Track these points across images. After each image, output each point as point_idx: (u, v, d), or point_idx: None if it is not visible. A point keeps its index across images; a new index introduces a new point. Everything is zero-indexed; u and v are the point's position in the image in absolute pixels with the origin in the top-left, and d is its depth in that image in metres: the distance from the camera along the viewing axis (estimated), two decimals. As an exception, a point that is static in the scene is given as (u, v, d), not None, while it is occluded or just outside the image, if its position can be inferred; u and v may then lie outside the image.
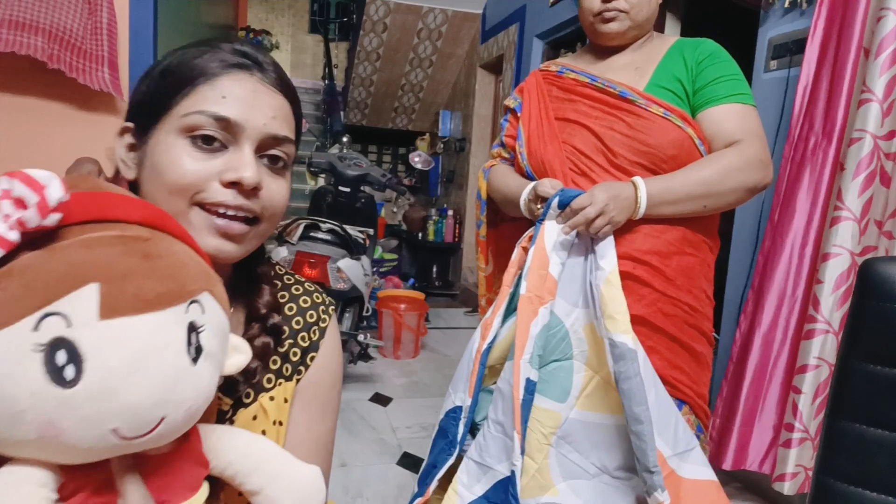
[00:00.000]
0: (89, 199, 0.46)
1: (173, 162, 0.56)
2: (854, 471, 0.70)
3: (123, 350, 0.41)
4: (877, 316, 0.68)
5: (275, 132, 0.59)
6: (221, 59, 0.59)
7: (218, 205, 0.57)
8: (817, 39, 1.66)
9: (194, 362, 0.46)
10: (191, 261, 0.49)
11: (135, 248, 0.45)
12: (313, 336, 0.71)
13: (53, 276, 0.41)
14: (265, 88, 0.60)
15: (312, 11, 6.71)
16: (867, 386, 0.69)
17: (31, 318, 0.40)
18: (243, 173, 0.56)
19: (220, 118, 0.56)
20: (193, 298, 0.47)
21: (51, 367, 0.40)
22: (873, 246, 1.56)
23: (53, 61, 1.78)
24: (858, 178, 1.52)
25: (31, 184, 0.40)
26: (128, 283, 0.43)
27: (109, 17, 1.89)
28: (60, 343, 0.40)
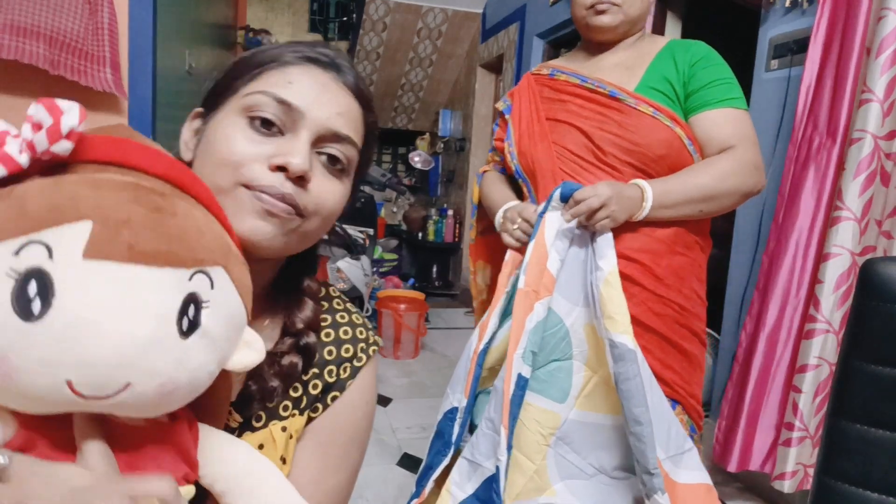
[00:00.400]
0: (113, 143, 0.44)
1: (226, 138, 0.55)
2: (855, 471, 0.70)
3: (99, 295, 0.38)
4: (878, 316, 0.68)
5: (336, 128, 0.56)
6: (297, 51, 0.58)
7: (262, 188, 0.53)
8: (820, 39, 1.66)
9: (184, 335, 0.41)
10: (209, 230, 0.45)
11: (146, 198, 0.41)
12: (343, 373, 0.64)
13: (50, 205, 0.38)
14: (337, 86, 0.58)
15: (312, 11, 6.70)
16: (868, 386, 0.69)
17: (15, 242, 0.38)
18: (292, 158, 0.53)
19: (281, 100, 0.54)
20: (201, 268, 0.43)
21: (18, 296, 0.37)
22: (872, 246, 1.56)
23: (55, 68, 1.78)
24: (859, 178, 1.52)
25: (52, 109, 0.39)
26: (126, 229, 0.39)
27: (110, 17, 1.89)
28: (35, 273, 0.37)
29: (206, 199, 0.48)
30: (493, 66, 4.84)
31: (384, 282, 4.17)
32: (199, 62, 2.76)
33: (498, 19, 4.51)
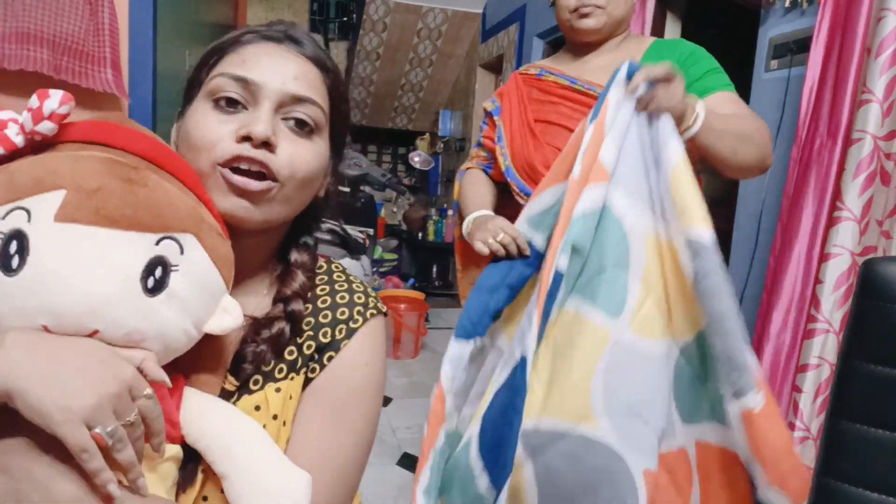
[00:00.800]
0: (97, 125, 0.50)
1: (196, 124, 0.58)
2: (855, 471, 0.70)
3: (66, 253, 0.44)
4: (878, 316, 0.68)
5: (293, 91, 0.59)
6: (252, 31, 0.62)
7: (232, 159, 0.56)
8: (822, 40, 1.66)
9: (150, 293, 0.47)
10: (180, 201, 0.50)
11: (119, 170, 0.47)
12: (338, 334, 0.64)
13: (34, 177, 0.45)
14: (291, 55, 0.61)
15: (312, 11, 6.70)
16: (868, 386, 0.69)
17: (3, 208, 0.45)
18: (253, 127, 0.56)
19: (237, 77, 0.58)
20: (169, 234, 0.48)
21: (2, 252, 0.44)
22: (873, 246, 1.57)
23: (59, 73, 1.80)
24: (859, 178, 1.52)
25: (41, 95, 0.46)
26: (95, 197, 0.45)
27: (111, 17, 1.89)
28: (16, 234, 0.44)
29: (184, 176, 0.53)
30: (493, 67, 4.84)
31: (384, 282, 4.17)
32: (200, 62, 2.76)
33: (498, 19, 4.51)
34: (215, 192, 0.57)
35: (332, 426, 0.63)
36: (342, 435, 0.63)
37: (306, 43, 0.63)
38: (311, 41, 0.64)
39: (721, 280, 0.88)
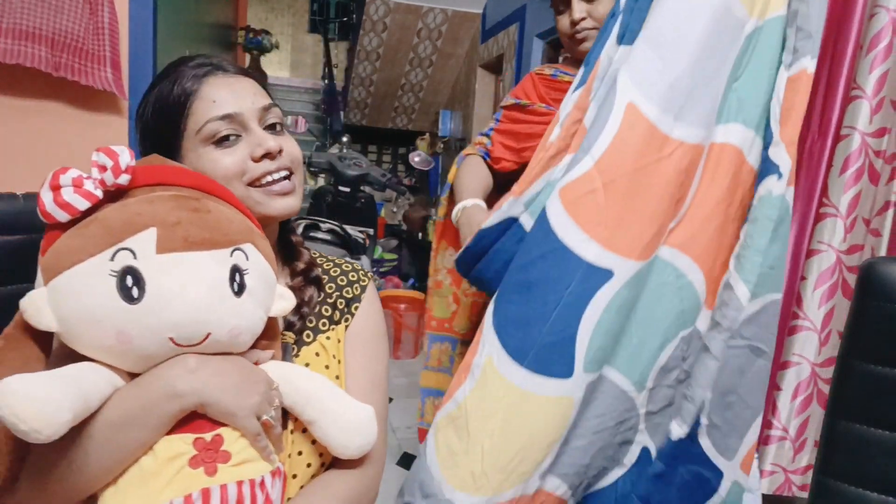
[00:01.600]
0: (154, 169, 0.61)
1: (214, 164, 0.70)
2: (854, 471, 0.70)
3: (174, 276, 0.56)
4: (877, 316, 0.68)
5: (261, 104, 0.74)
6: (192, 76, 0.72)
7: (263, 175, 0.72)
8: (818, 36, 1.67)
9: (237, 295, 0.60)
10: (235, 218, 0.63)
11: (186, 204, 0.59)
12: (355, 291, 0.86)
13: (124, 221, 0.56)
14: (232, 78, 0.74)
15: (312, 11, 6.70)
16: (867, 386, 0.69)
17: (109, 251, 0.55)
18: (266, 144, 0.71)
19: (224, 116, 0.71)
20: (237, 247, 0.61)
21: (121, 287, 0.54)
22: (860, 244, 1.56)
23: (57, 70, 1.80)
24: (845, 174, 1.52)
25: (110, 154, 0.56)
26: (179, 228, 0.57)
27: (111, 16, 1.89)
28: (129, 270, 0.55)
29: (228, 197, 0.66)
30: (493, 67, 4.84)
31: (384, 282, 4.17)
32: (200, 62, 2.76)
33: (498, 20, 4.51)
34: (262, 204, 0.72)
35: (371, 358, 0.83)
36: (379, 364, 0.84)
37: (229, 63, 0.76)
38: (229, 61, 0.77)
39: None
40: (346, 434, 0.69)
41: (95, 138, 1.99)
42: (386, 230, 5.36)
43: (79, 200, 0.55)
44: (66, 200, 0.55)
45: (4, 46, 1.73)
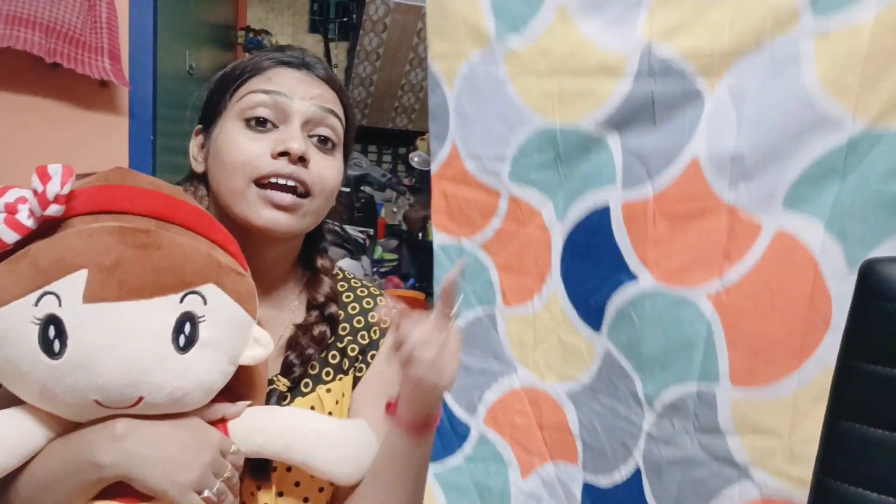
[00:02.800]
0: (98, 193, 0.52)
1: (231, 144, 0.62)
2: (854, 471, 0.70)
3: (100, 332, 0.47)
4: (877, 316, 0.68)
5: (320, 104, 0.65)
6: (271, 58, 0.66)
7: (270, 175, 0.61)
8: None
9: (182, 350, 0.50)
10: (196, 253, 0.52)
11: (132, 238, 0.49)
12: (374, 335, 0.74)
13: (55, 258, 0.48)
14: (311, 79, 0.66)
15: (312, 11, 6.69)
16: (867, 386, 0.69)
17: (34, 295, 0.47)
18: (290, 143, 0.61)
19: (268, 91, 0.63)
20: (192, 290, 0.51)
21: (43, 339, 0.47)
22: None
23: (51, 56, 1.78)
24: None
25: (43, 176, 0.47)
26: (115, 271, 0.48)
27: (109, 11, 1.89)
28: (52, 319, 0.47)
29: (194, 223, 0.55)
30: (493, 67, 4.84)
31: (384, 282, 4.17)
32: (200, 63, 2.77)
33: (498, 19, 4.50)
34: (251, 207, 0.61)
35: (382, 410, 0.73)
36: None
37: (320, 67, 0.69)
38: (323, 65, 0.69)
39: None
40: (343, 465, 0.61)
41: (95, 137, 1.99)
42: (386, 230, 5.35)
43: (7, 233, 0.47)
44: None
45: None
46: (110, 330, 0.48)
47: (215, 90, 0.67)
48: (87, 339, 0.47)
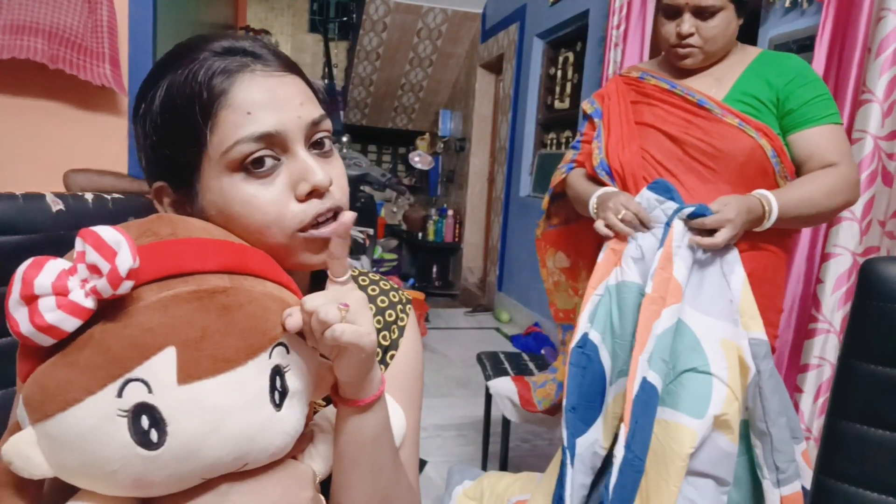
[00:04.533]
0: (162, 254, 0.44)
1: (245, 204, 0.52)
2: (854, 471, 0.70)
3: (203, 413, 0.43)
4: (878, 316, 0.68)
5: (309, 118, 0.55)
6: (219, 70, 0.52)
7: (313, 221, 0.54)
8: (825, 40, 1.66)
9: (278, 408, 0.47)
10: (273, 302, 0.47)
11: (211, 303, 0.44)
12: (393, 335, 0.71)
13: (130, 342, 0.41)
14: (275, 78, 0.54)
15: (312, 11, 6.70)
16: (868, 386, 0.69)
17: (115, 385, 0.41)
18: (314, 179, 0.53)
19: (262, 137, 0.52)
20: (278, 342, 0.47)
21: (136, 431, 0.41)
22: (876, 246, 1.56)
23: (54, 62, 1.79)
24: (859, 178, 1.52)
25: (103, 249, 0.39)
26: (205, 343, 0.42)
27: (109, 15, 1.89)
28: (143, 408, 0.41)
29: (261, 268, 0.50)
30: (493, 66, 4.84)
31: (384, 282, 4.17)
32: (199, 62, 2.76)
33: (498, 19, 4.51)
34: (302, 256, 0.55)
35: (411, 405, 0.70)
36: (416, 410, 0.72)
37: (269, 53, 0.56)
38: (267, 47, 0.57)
39: (780, 379, 1.06)
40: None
41: (95, 137, 1.99)
42: (386, 230, 5.36)
43: (67, 320, 0.39)
44: (48, 323, 0.39)
45: (1, 42, 1.73)
46: (212, 408, 0.43)
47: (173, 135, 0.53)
48: (189, 423, 0.42)
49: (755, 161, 1.15)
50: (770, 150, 1.15)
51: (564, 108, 3.72)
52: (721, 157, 1.16)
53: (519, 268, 4.01)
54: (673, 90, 1.23)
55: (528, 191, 4.02)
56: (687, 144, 1.19)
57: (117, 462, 0.42)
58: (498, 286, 4.37)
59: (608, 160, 1.28)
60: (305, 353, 0.50)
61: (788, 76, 1.16)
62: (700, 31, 1.18)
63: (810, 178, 1.14)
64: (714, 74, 1.23)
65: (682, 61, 1.22)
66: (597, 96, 1.39)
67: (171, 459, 0.42)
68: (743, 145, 1.14)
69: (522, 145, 4.03)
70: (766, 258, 1.19)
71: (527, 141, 4.00)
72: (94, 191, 1.05)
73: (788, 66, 1.17)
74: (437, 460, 2.14)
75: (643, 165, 1.23)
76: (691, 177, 1.19)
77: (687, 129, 1.19)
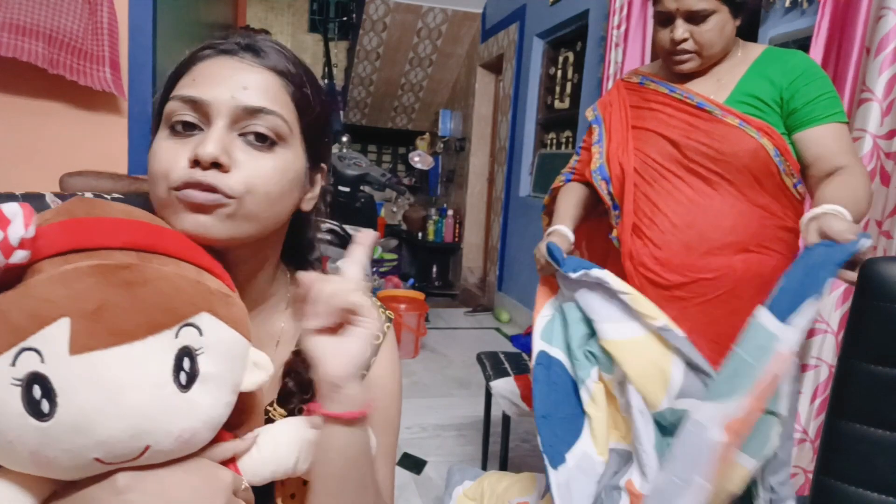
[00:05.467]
0: (67, 229, 0.45)
1: (154, 154, 0.56)
2: (854, 471, 0.70)
3: (94, 386, 0.42)
4: (877, 316, 0.68)
5: (244, 103, 0.56)
6: (210, 47, 0.58)
7: (183, 185, 0.54)
8: (822, 39, 1.66)
9: (184, 389, 0.45)
10: (185, 282, 0.47)
11: (114, 277, 0.43)
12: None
13: (27, 311, 0.41)
14: (244, 66, 0.57)
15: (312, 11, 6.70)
16: (867, 386, 0.69)
17: (9, 354, 0.41)
18: (200, 149, 0.53)
19: (185, 99, 0.55)
20: (186, 322, 0.46)
21: (28, 401, 0.41)
22: (873, 246, 1.56)
23: (55, 67, 1.79)
24: None
25: (1, 221, 0.40)
26: (102, 315, 0.42)
27: (110, 16, 1.89)
28: (35, 378, 0.41)
29: (175, 249, 0.50)
30: (493, 66, 4.84)
31: (384, 282, 4.17)
32: (199, 62, 2.77)
33: (498, 19, 4.51)
34: (174, 216, 0.55)
35: (381, 430, 0.67)
36: (388, 435, 0.70)
37: (266, 51, 0.59)
38: (273, 48, 0.60)
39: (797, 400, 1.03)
40: None
41: (95, 138, 1.99)
42: (386, 230, 5.36)
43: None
44: None
45: (0, 40, 1.73)
46: (106, 381, 0.42)
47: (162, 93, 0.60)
48: (80, 394, 0.41)
49: (759, 161, 1.14)
50: (773, 150, 1.14)
51: (564, 108, 3.72)
52: (724, 159, 1.15)
53: (519, 268, 4.01)
54: (672, 94, 1.23)
55: (528, 191, 4.02)
56: (689, 149, 1.18)
57: (12, 432, 0.42)
58: (498, 286, 4.37)
59: (608, 165, 1.29)
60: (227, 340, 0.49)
61: (793, 74, 1.14)
62: (694, 36, 1.17)
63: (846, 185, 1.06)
64: (716, 76, 1.23)
65: (680, 66, 1.22)
66: (599, 104, 1.40)
67: (63, 432, 0.42)
68: (745, 146, 1.14)
69: (522, 145, 4.03)
70: (774, 260, 1.19)
71: (527, 141, 4.00)
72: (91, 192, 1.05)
73: (793, 63, 1.16)
74: (437, 460, 2.14)
75: (645, 169, 1.23)
76: (695, 180, 1.18)
77: (689, 134, 1.18)
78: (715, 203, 1.16)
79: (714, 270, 1.16)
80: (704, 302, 1.17)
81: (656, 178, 1.21)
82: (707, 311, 1.17)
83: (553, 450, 1.14)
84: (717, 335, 1.17)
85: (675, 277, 1.18)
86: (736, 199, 1.16)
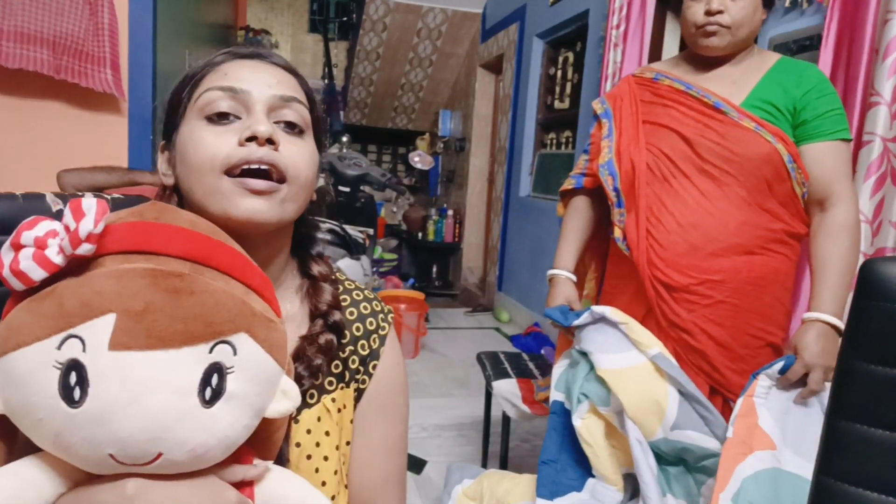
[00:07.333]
0: (132, 231, 0.48)
1: (196, 142, 0.59)
2: (854, 471, 0.70)
3: (122, 383, 0.43)
4: (878, 316, 0.68)
5: (281, 93, 0.61)
6: (224, 53, 0.64)
7: (241, 162, 0.57)
8: (831, 41, 1.66)
9: (207, 404, 0.46)
10: (230, 299, 0.49)
11: (164, 282, 0.45)
12: (373, 344, 0.72)
13: (81, 300, 0.44)
14: (266, 65, 0.64)
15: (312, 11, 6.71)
16: (868, 386, 0.69)
17: (58, 337, 0.43)
18: (256, 127, 0.57)
19: (225, 88, 0.60)
20: (223, 339, 0.47)
21: (63, 385, 0.43)
22: (887, 247, 1.56)
23: (59, 73, 1.81)
24: (869, 180, 1.52)
25: (77, 213, 0.44)
26: (144, 317, 0.44)
27: (110, 17, 1.90)
28: (74, 365, 0.43)
29: (229, 265, 0.51)
30: (493, 66, 4.84)
31: (384, 282, 4.17)
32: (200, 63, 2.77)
33: (498, 19, 4.51)
34: (228, 199, 0.57)
35: (390, 423, 0.72)
36: (398, 426, 0.74)
37: (275, 56, 0.66)
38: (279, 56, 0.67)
39: None
40: None
41: (96, 138, 1.99)
42: (386, 230, 5.36)
43: (35, 269, 0.44)
44: (20, 269, 0.44)
45: (7, 50, 1.74)
46: (133, 381, 0.44)
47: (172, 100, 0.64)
48: (108, 389, 0.43)
49: (772, 166, 1.15)
50: (787, 156, 1.15)
51: (564, 108, 3.72)
52: (736, 160, 1.15)
53: (519, 268, 4.01)
54: (688, 91, 1.22)
55: (527, 191, 4.02)
56: (701, 147, 1.18)
57: (42, 411, 0.44)
58: (498, 286, 4.37)
59: (618, 160, 1.27)
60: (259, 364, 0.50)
61: (806, 86, 1.16)
62: (729, 11, 1.17)
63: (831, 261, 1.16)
64: (730, 77, 1.23)
65: (707, 40, 1.20)
66: (608, 97, 1.38)
67: (86, 420, 0.43)
68: (760, 150, 1.14)
69: (522, 145, 4.03)
70: (778, 262, 1.19)
71: (527, 141, 4.00)
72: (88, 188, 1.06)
73: (808, 76, 1.18)
74: (437, 460, 2.14)
75: (656, 165, 1.22)
76: (704, 179, 1.18)
77: (702, 132, 1.18)
78: (722, 205, 1.16)
79: (720, 272, 1.16)
80: (713, 304, 1.17)
81: (666, 175, 1.21)
82: (715, 312, 1.17)
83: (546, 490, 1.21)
84: (724, 338, 1.17)
85: (682, 278, 1.18)
86: (743, 201, 1.16)
